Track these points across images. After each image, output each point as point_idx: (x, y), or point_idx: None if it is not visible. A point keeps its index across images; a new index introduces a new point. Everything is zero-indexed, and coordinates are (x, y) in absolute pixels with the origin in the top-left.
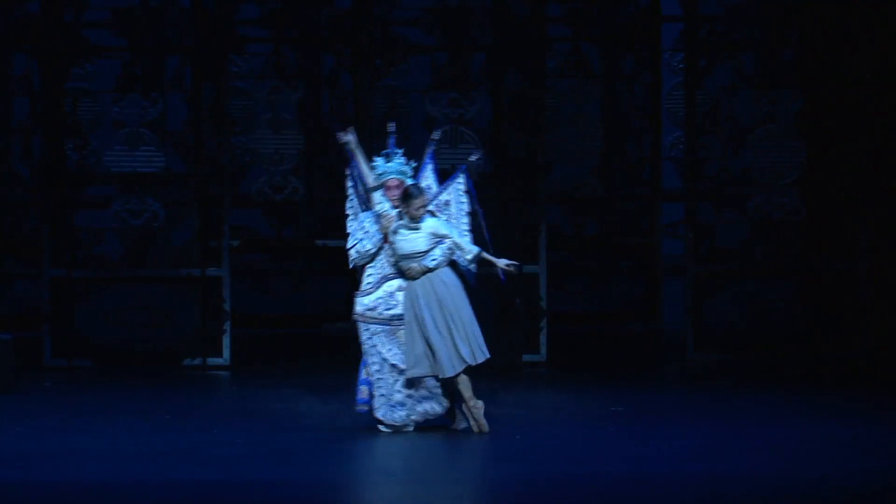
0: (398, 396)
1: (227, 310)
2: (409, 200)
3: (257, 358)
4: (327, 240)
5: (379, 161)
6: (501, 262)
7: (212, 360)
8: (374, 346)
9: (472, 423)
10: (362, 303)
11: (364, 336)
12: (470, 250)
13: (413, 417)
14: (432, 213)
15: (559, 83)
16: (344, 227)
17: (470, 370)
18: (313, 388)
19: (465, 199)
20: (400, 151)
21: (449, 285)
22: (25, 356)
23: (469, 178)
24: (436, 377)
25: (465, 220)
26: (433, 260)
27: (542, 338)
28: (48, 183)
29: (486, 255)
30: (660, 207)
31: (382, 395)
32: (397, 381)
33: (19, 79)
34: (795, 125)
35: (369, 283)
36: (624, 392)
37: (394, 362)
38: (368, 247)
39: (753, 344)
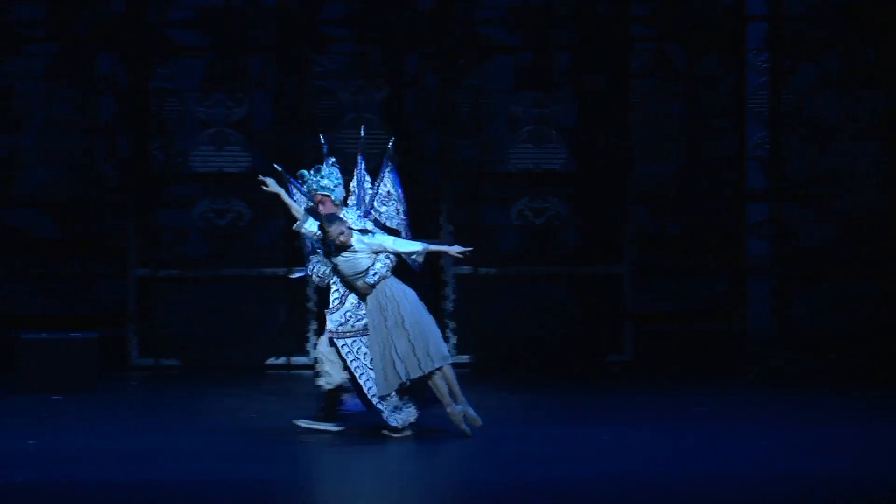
0: (393, 400)
1: (312, 309)
2: (325, 234)
3: None
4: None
5: (307, 176)
6: (453, 250)
7: (297, 359)
8: (356, 357)
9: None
10: (333, 320)
11: (344, 351)
12: (414, 250)
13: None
14: (366, 230)
15: (643, 83)
16: (427, 226)
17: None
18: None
19: (399, 186)
20: (331, 163)
21: (391, 297)
22: (112, 355)
23: (393, 167)
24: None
25: (403, 205)
26: (374, 275)
27: (628, 338)
28: (133, 183)
29: (433, 246)
30: (744, 207)
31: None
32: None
33: (105, 78)
34: (880, 124)
35: (335, 298)
36: (707, 391)
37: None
38: (325, 269)
39: (838, 344)
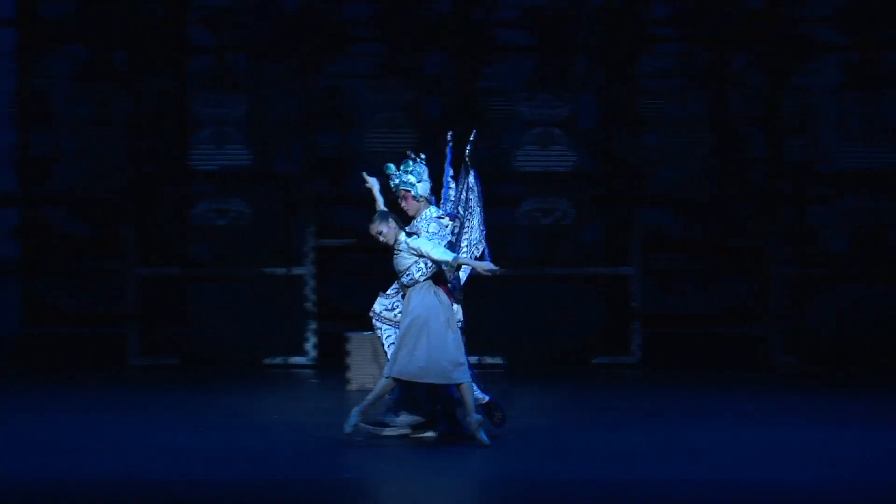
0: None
1: (636, 308)
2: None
3: (666, 357)
4: (736, 239)
5: (391, 170)
6: (483, 267)
7: (620, 359)
8: (389, 346)
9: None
10: (381, 303)
11: (380, 334)
12: (445, 259)
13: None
14: (412, 233)
15: None
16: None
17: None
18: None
19: (475, 195)
20: (420, 160)
21: (410, 299)
22: None
23: (475, 171)
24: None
25: (474, 214)
26: (408, 276)
27: None
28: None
29: (464, 260)
30: None
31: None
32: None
33: (432, 78)
34: None
35: (394, 287)
36: None
37: None
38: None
39: None
